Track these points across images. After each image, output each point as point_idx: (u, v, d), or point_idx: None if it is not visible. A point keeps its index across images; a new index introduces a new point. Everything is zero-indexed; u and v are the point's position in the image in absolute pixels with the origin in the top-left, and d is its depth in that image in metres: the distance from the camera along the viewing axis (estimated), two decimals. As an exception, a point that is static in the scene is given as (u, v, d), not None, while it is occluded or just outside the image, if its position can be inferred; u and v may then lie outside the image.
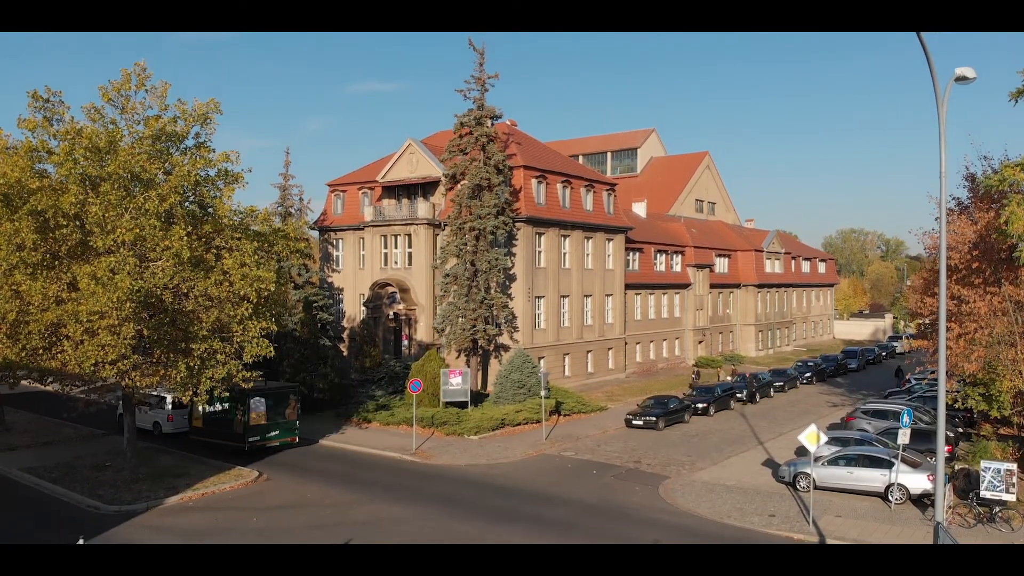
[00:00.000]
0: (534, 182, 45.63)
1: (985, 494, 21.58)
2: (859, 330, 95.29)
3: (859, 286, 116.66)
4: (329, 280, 51.43)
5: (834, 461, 25.22)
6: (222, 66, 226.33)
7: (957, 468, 25.82)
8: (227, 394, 28.41)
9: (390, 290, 47.73)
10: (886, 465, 24.20)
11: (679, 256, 62.19)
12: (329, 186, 53.79)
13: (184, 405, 33.11)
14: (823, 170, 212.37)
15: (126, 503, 23.71)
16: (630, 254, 55.34)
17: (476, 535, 20.96)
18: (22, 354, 24.96)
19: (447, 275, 41.53)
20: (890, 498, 23.77)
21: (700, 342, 63.87)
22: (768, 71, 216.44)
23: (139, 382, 24.83)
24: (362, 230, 50.31)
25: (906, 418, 23.89)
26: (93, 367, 23.65)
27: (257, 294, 24.80)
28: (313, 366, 39.27)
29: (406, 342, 48.03)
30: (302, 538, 20.68)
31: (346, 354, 47.47)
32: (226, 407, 30.12)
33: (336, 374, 39.63)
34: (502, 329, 42.43)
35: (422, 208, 46.72)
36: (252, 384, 26.79)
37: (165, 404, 33.57)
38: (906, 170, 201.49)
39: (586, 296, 50.37)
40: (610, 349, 52.84)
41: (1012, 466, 21.70)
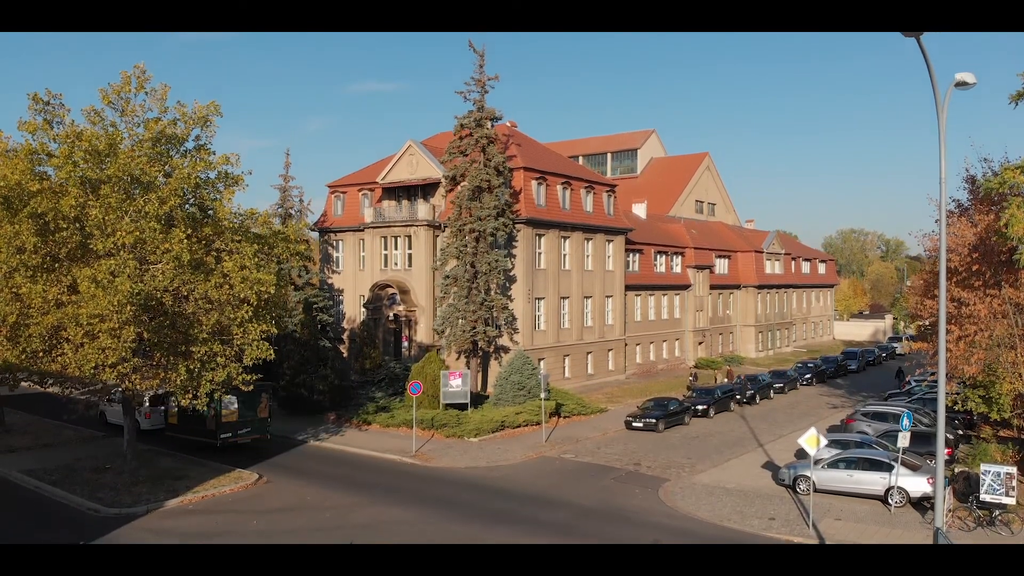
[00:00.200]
0: (534, 183, 45.64)
1: (985, 497, 21.53)
2: (859, 331, 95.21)
3: (859, 287, 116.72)
4: (329, 281, 51.41)
5: (834, 464, 25.20)
6: (222, 66, 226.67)
7: (957, 471, 25.79)
8: None
9: (390, 291, 47.72)
10: (886, 468, 24.18)
11: (679, 257, 62.19)
12: (329, 187, 53.82)
13: (161, 403, 33.20)
14: (823, 170, 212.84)
15: (126, 506, 23.68)
16: (630, 255, 55.33)
17: (475, 538, 20.91)
18: (22, 357, 24.92)
19: (447, 276, 41.53)
20: (890, 501, 23.74)
21: (700, 343, 63.85)
22: (768, 71, 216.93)
23: (139, 385, 24.80)
24: (362, 231, 50.32)
25: (906, 421, 23.86)
26: (93, 370, 23.61)
27: (257, 297, 24.79)
28: (313, 368, 39.22)
29: (406, 343, 48.02)
30: (302, 541, 20.64)
31: (346, 356, 47.44)
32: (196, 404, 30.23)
33: (336, 376, 39.60)
34: (502, 331, 42.42)
35: (422, 210, 46.74)
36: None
37: (143, 402, 33.49)
38: (906, 170, 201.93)
39: (586, 297, 50.36)
40: (610, 350, 52.82)
41: (1012, 469, 21.67)
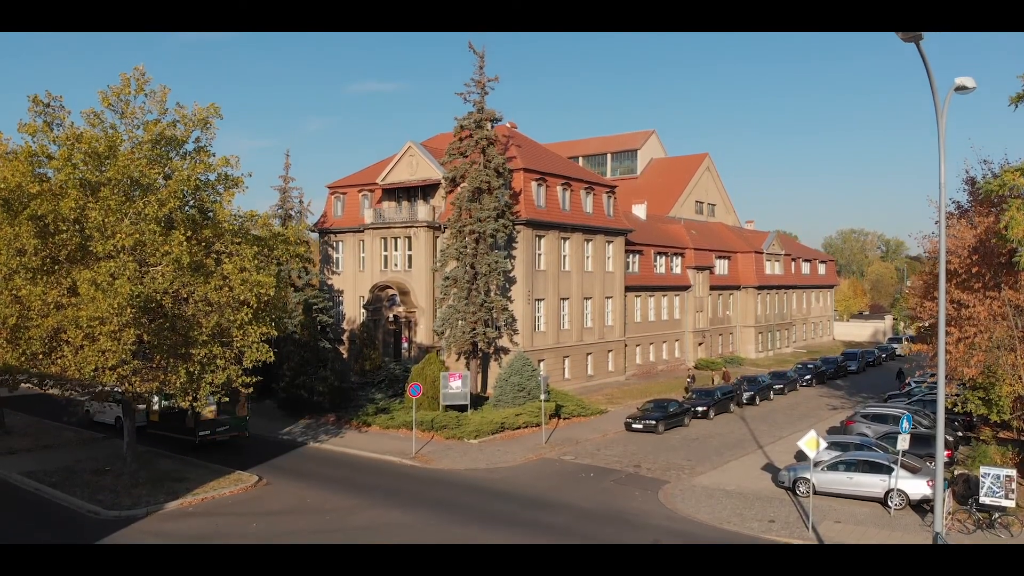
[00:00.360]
0: (534, 185, 45.63)
1: (984, 500, 21.48)
2: (859, 331, 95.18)
3: (859, 287, 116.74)
4: (329, 282, 51.41)
5: (834, 466, 25.16)
6: (222, 66, 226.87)
7: (956, 473, 25.73)
8: None
9: (390, 292, 47.69)
10: (886, 470, 24.12)
11: (679, 258, 62.18)
12: (329, 188, 53.81)
13: (143, 401, 33.23)
14: (823, 170, 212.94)
15: (126, 508, 23.63)
16: (630, 256, 55.32)
17: (475, 541, 20.82)
18: (22, 359, 24.86)
19: (447, 278, 41.50)
20: (890, 504, 23.71)
21: (700, 344, 63.82)
22: (768, 71, 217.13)
23: (139, 387, 24.75)
24: (362, 232, 50.30)
25: (905, 424, 23.75)
26: (93, 372, 23.56)
27: (257, 299, 24.77)
28: (313, 369, 39.15)
29: (406, 345, 47.99)
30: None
31: (346, 357, 47.39)
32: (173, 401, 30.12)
33: (336, 377, 39.53)
34: (502, 332, 42.40)
35: (422, 211, 46.73)
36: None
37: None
38: (906, 170, 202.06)
39: (586, 298, 50.34)
40: (610, 351, 52.80)
41: (1011, 472, 21.62)
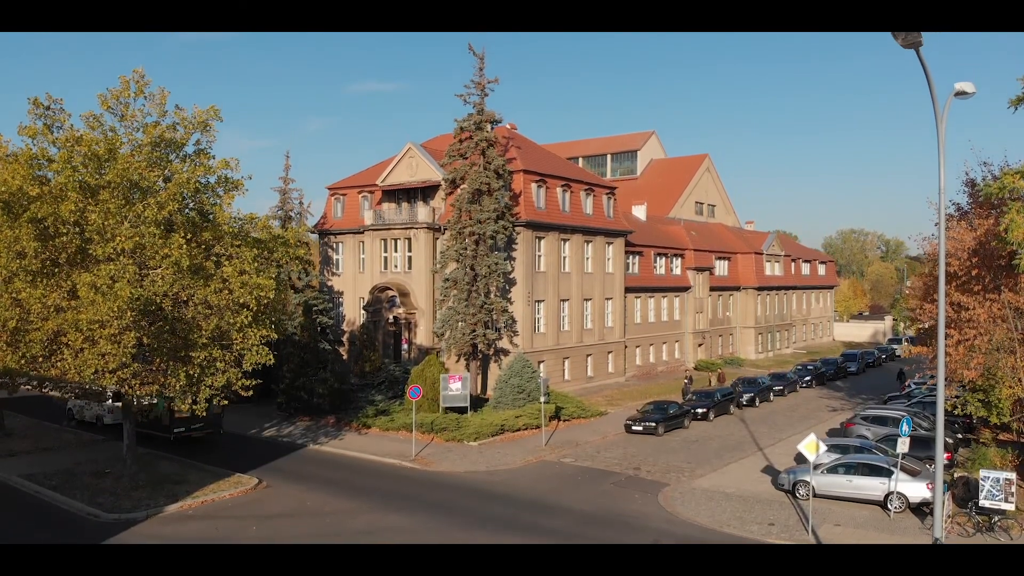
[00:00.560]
0: (534, 186, 45.63)
1: (984, 503, 21.40)
2: (859, 332, 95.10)
3: (859, 287, 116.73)
4: (329, 284, 51.39)
5: (833, 469, 25.10)
6: (222, 66, 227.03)
7: (956, 476, 25.68)
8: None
9: (390, 294, 47.67)
10: (885, 473, 24.05)
11: (679, 259, 62.16)
12: (329, 189, 53.83)
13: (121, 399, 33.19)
14: (823, 170, 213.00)
15: (126, 511, 23.58)
16: (630, 257, 55.31)
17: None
18: (22, 362, 24.79)
19: (447, 279, 41.48)
20: (889, 507, 23.65)
21: (700, 345, 63.80)
22: (768, 71, 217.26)
23: (139, 390, 24.71)
24: (362, 234, 50.30)
25: (905, 427, 23.64)
26: (93, 375, 23.52)
27: (257, 302, 24.72)
28: (312, 371, 39.13)
29: (406, 346, 47.96)
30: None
31: (345, 358, 47.37)
32: (155, 401, 29.96)
33: (335, 379, 39.49)
34: (502, 333, 42.38)
35: (422, 212, 46.72)
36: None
37: (106, 398, 33.28)
38: (906, 170, 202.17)
39: (586, 300, 50.32)
40: (610, 353, 52.77)
41: (1011, 475, 21.52)
